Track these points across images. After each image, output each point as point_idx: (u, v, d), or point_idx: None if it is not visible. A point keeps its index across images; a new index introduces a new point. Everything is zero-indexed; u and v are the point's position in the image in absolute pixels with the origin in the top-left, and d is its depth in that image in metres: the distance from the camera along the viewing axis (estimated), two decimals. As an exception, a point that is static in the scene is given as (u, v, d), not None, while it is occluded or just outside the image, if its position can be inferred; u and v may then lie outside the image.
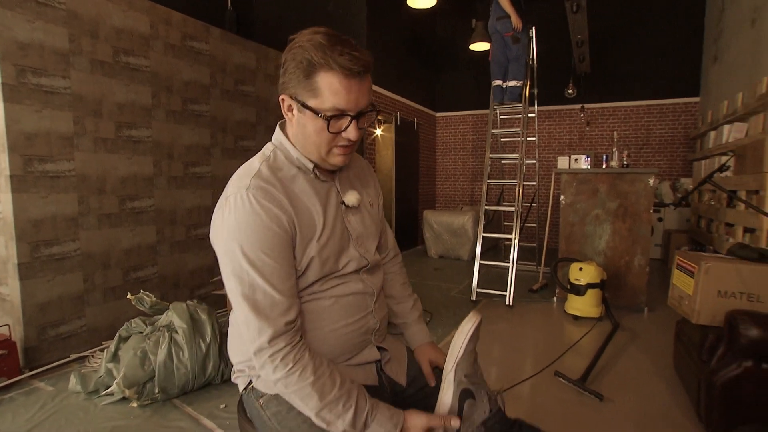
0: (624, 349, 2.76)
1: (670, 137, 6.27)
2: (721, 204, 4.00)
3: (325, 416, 0.76)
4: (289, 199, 0.82)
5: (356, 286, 0.90)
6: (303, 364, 0.77)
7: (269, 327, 0.76)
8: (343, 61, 0.75)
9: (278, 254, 0.78)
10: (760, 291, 1.76)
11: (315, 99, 0.78)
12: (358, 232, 0.92)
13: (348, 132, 0.81)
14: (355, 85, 0.78)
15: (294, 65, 0.79)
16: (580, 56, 5.01)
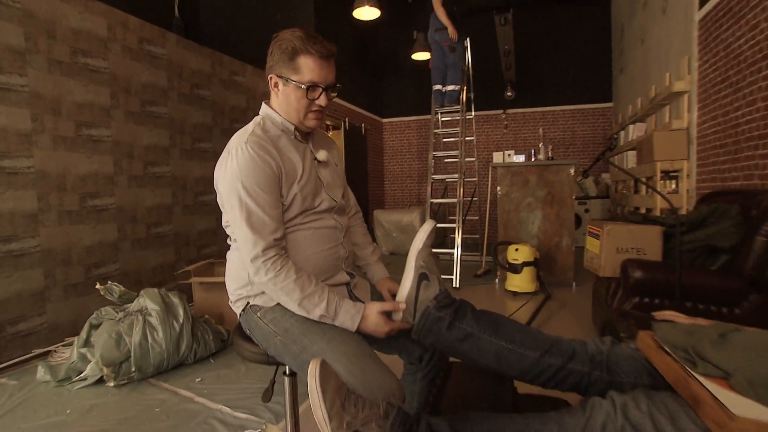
0: (554, 313, 3.20)
1: (591, 138, 7.07)
2: (629, 191, 4.65)
3: (305, 305, 1.01)
4: (277, 150, 1.09)
5: (329, 222, 1.17)
6: (287, 267, 1.03)
7: (262, 241, 1.02)
8: (317, 48, 1.06)
9: (269, 189, 1.04)
10: (644, 245, 2.22)
11: (297, 75, 1.07)
12: (328, 181, 1.19)
13: (320, 99, 1.10)
14: (325, 65, 1.08)
15: (280, 51, 1.08)
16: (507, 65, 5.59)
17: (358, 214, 1.42)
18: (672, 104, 3.84)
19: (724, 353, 0.75)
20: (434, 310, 0.98)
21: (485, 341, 0.95)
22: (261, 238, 1.02)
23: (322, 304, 1.02)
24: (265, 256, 1.02)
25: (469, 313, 1.00)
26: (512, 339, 0.96)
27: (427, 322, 0.98)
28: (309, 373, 0.86)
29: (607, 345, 0.96)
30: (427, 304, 0.99)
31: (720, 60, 2.83)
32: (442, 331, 0.97)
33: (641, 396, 0.74)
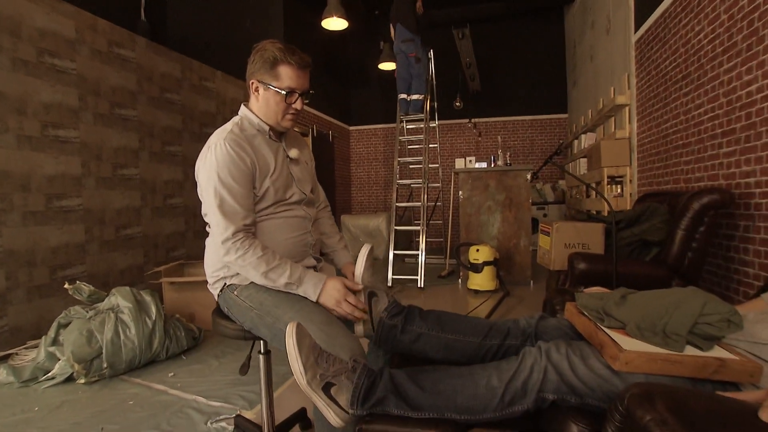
0: (512, 308, 3.42)
1: (549, 147, 7.50)
2: (582, 196, 5.01)
3: (271, 276, 1.15)
4: (252, 147, 1.23)
5: (299, 212, 1.33)
6: (254, 246, 1.17)
7: (232, 225, 1.16)
8: (296, 59, 1.21)
9: (242, 181, 1.19)
10: (588, 240, 2.47)
11: (277, 81, 1.22)
12: (298, 176, 1.34)
13: (296, 104, 1.25)
14: (302, 74, 1.24)
15: (262, 60, 1.22)
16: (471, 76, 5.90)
17: (327, 208, 1.58)
18: (616, 116, 4.21)
19: (623, 309, 0.95)
20: (387, 320, 1.13)
21: (434, 338, 1.10)
22: (231, 223, 1.16)
23: (287, 273, 1.16)
24: (235, 238, 1.16)
25: (417, 316, 1.15)
26: (456, 330, 1.11)
27: (383, 332, 1.13)
28: (287, 333, 0.99)
29: (535, 319, 1.15)
30: (381, 315, 1.13)
31: (652, 78, 3.17)
32: (396, 337, 1.11)
33: (562, 343, 0.92)
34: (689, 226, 2.10)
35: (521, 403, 0.86)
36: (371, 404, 0.90)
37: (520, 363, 0.89)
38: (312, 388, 0.95)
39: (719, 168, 2.27)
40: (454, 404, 0.87)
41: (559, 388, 0.85)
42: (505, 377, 0.87)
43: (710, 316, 0.80)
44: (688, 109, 2.59)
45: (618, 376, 0.82)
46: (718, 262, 2.38)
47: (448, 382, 0.90)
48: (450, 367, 0.96)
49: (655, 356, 0.78)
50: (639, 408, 0.61)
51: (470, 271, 3.95)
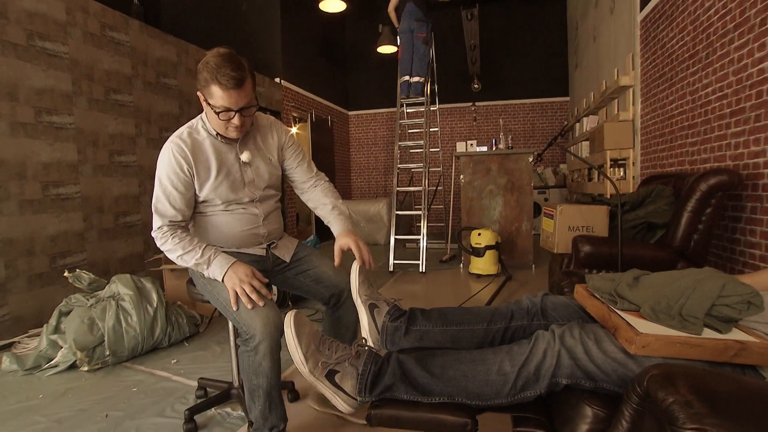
0: (514, 292, 3.42)
1: (550, 130, 7.43)
2: (583, 179, 4.97)
3: (185, 258, 1.28)
4: (196, 154, 1.31)
5: (252, 210, 1.43)
6: (173, 236, 1.29)
7: (160, 220, 1.30)
8: (224, 80, 1.19)
9: (178, 186, 1.29)
10: (593, 223, 2.45)
11: (212, 100, 1.24)
12: (250, 179, 1.42)
13: (233, 120, 1.27)
14: (234, 93, 1.21)
15: (201, 77, 1.24)
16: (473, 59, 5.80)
17: (317, 180, 1.59)
18: (619, 98, 4.15)
19: (636, 291, 0.92)
20: (390, 323, 1.11)
21: (439, 332, 1.08)
22: (159, 218, 1.30)
23: (197, 256, 1.27)
24: (161, 231, 1.30)
25: (419, 315, 1.13)
26: (460, 322, 1.09)
27: (388, 335, 1.11)
28: (285, 323, 0.98)
29: (539, 297, 1.13)
30: (383, 320, 1.11)
31: (657, 57, 3.11)
32: (401, 338, 1.10)
33: (575, 326, 0.89)
34: (696, 208, 2.07)
35: (534, 388, 0.84)
36: (379, 391, 0.89)
37: (532, 347, 0.87)
38: (315, 377, 0.93)
39: (727, 149, 2.23)
40: (465, 390, 0.86)
41: (573, 373, 0.83)
42: (518, 362, 0.85)
43: (729, 297, 0.78)
44: (695, 89, 2.53)
45: (633, 359, 0.80)
46: (723, 245, 2.36)
47: (458, 367, 0.88)
48: (460, 352, 0.94)
49: (674, 339, 0.76)
50: (660, 390, 0.59)
51: (472, 255, 3.93)
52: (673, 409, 0.54)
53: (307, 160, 1.58)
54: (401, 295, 3.40)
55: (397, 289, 3.60)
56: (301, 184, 1.58)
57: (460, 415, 0.82)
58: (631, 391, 0.68)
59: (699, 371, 0.64)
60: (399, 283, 3.84)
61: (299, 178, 1.57)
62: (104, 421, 1.67)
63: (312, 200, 1.57)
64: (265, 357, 1.21)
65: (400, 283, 3.85)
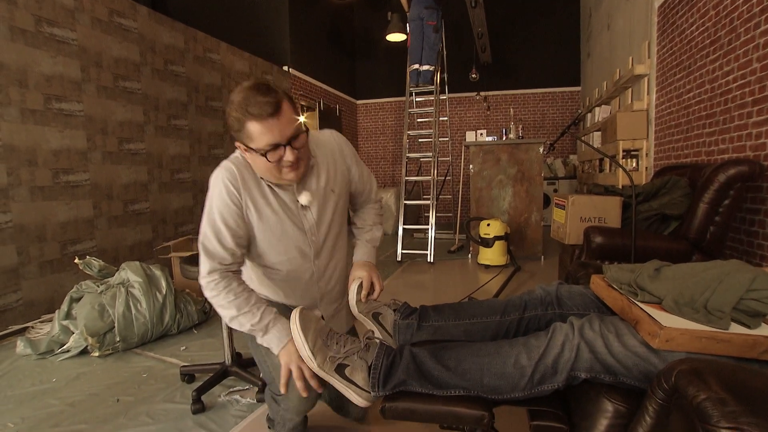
0: (523, 283, 3.39)
1: (560, 120, 7.32)
2: (594, 170, 4.90)
3: (239, 320, 1.07)
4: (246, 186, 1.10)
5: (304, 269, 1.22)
6: (228, 289, 1.08)
7: (209, 263, 1.09)
8: (257, 110, 0.97)
9: (230, 224, 1.09)
10: (605, 214, 2.40)
11: (252, 142, 1.01)
12: (311, 224, 1.19)
13: (286, 156, 1.02)
14: (273, 121, 0.99)
15: (231, 121, 1.03)
16: (482, 47, 5.69)
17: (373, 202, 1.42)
18: (634, 87, 4.06)
19: (658, 283, 0.89)
20: (401, 321, 1.08)
21: (452, 326, 1.06)
22: (209, 261, 1.09)
23: (254, 320, 1.07)
24: (210, 277, 1.09)
25: (430, 311, 1.11)
26: (473, 314, 1.07)
27: (400, 333, 1.08)
28: (291, 320, 0.96)
29: (553, 287, 1.10)
30: (394, 320, 1.09)
31: (675, 45, 3.02)
32: (413, 335, 1.07)
33: (595, 318, 0.87)
34: (713, 200, 2.02)
35: (551, 381, 0.82)
36: (392, 386, 0.87)
37: (550, 340, 0.85)
38: (325, 372, 0.92)
39: (747, 139, 2.17)
40: (481, 384, 0.84)
41: (593, 367, 0.81)
42: (535, 355, 0.83)
43: (759, 291, 0.75)
44: (715, 77, 2.46)
45: (656, 354, 0.77)
46: (740, 237, 2.31)
47: (473, 360, 0.86)
48: (475, 344, 0.92)
49: (700, 334, 0.73)
50: (690, 386, 0.56)
51: (481, 245, 3.91)
52: (705, 406, 0.52)
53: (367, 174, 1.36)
54: (409, 285, 3.39)
55: (405, 279, 3.59)
56: (360, 207, 1.41)
57: (477, 408, 0.81)
58: (656, 386, 0.66)
59: (730, 367, 0.62)
60: (407, 273, 3.83)
61: (360, 203, 1.40)
62: (116, 406, 1.68)
63: (357, 218, 1.42)
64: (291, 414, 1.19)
65: (407, 273, 3.83)
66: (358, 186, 1.33)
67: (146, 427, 1.53)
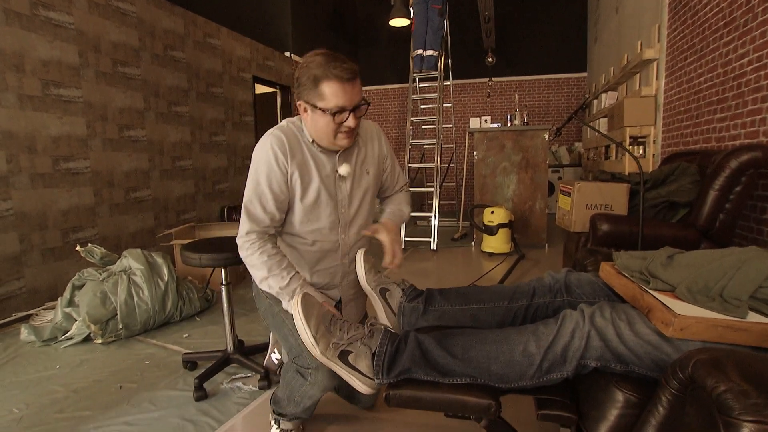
0: (527, 271, 3.37)
1: (565, 107, 7.22)
2: (600, 158, 4.83)
3: (268, 282, 1.13)
4: (292, 150, 1.15)
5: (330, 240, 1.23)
6: (262, 251, 1.13)
7: (248, 224, 1.14)
8: (338, 72, 1.06)
9: (274, 189, 1.14)
10: (612, 201, 2.37)
11: (322, 101, 1.08)
12: (343, 195, 1.23)
13: (348, 121, 1.11)
14: (349, 87, 1.08)
15: (305, 80, 1.10)
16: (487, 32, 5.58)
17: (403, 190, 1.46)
18: (642, 72, 3.97)
19: (670, 270, 0.86)
20: (407, 303, 1.06)
21: (459, 311, 1.03)
22: (249, 222, 1.14)
23: (282, 283, 1.12)
24: (248, 237, 1.15)
25: (437, 295, 1.08)
26: (480, 300, 1.04)
27: (405, 316, 1.06)
28: (292, 305, 0.93)
29: (562, 274, 1.08)
30: (399, 302, 1.06)
31: (687, 27, 2.94)
32: (419, 319, 1.04)
33: (606, 306, 0.84)
34: (724, 186, 1.98)
35: (560, 370, 0.80)
36: (397, 373, 0.85)
37: (559, 327, 0.83)
38: (328, 358, 0.90)
39: (761, 124, 2.11)
40: (488, 372, 0.82)
41: (603, 356, 0.78)
42: (544, 343, 0.81)
43: (779, 278, 0.72)
44: (728, 61, 2.39)
45: (669, 342, 0.75)
46: (750, 225, 2.27)
47: (480, 348, 0.84)
48: (482, 331, 0.89)
49: (716, 322, 0.70)
50: (709, 377, 0.54)
51: (484, 233, 3.88)
52: (726, 398, 0.49)
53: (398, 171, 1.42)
54: (412, 273, 3.37)
55: (408, 266, 3.57)
56: (388, 193, 1.43)
57: (484, 397, 0.78)
58: (670, 375, 0.63)
59: (750, 357, 0.59)
60: (410, 260, 3.81)
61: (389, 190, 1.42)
62: (118, 392, 1.68)
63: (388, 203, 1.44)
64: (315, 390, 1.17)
65: (411, 260, 3.82)
66: (389, 178, 1.39)
67: (149, 414, 1.53)
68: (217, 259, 1.60)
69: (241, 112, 4.57)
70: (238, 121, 4.52)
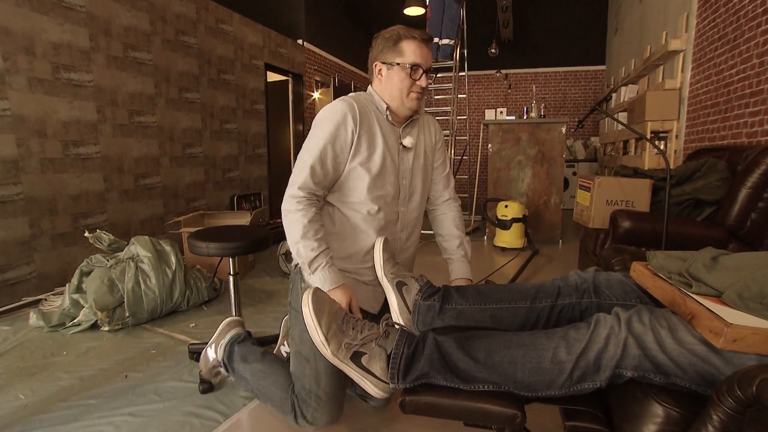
0: (541, 267, 3.29)
1: (582, 100, 7.05)
2: (618, 153, 4.70)
3: (297, 248, 1.11)
4: (362, 123, 1.18)
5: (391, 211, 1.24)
6: (304, 211, 1.11)
7: (302, 179, 1.13)
8: (418, 33, 1.19)
9: (336, 148, 1.15)
10: (633, 197, 2.27)
11: (401, 57, 1.18)
12: (405, 167, 1.26)
13: (421, 80, 1.19)
14: (425, 49, 1.19)
15: (384, 41, 1.20)
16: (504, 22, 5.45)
17: (454, 203, 1.43)
18: (666, 64, 3.83)
19: (716, 273, 0.79)
20: (422, 302, 1.00)
21: (477, 310, 0.97)
22: (303, 177, 1.13)
23: (309, 251, 1.10)
24: (298, 192, 1.12)
25: (453, 292, 1.02)
26: (500, 299, 0.97)
27: (420, 315, 1.00)
28: (303, 302, 0.88)
29: (590, 273, 1.00)
30: (415, 299, 1.00)
31: (719, 16, 2.80)
32: (435, 318, 0.99)
33: (644, 311, 0.77)
34: (757, 184, 1.88)
35: (593, 379, 0.73)
36: (414, 377, 0.79)
37: (592, 333, 0.76)
38: (339, 360, 0.84)
39: (797, 118, 1.99)
40: (513, 379, 0.75)
41: (641, 365, 0.71)
42: (575, 350, 0.74)
43: None
44: (765, 51, 2.26)
45: (718, 354, 0.67)
46: (780, 225, 2.15)
47: (505, 353, 0.77)
48: (506, 334, 0.83)
49: (777, 333, 0.63)
50: (779, 400, 0.47)
51: (498, 227, 3.79)
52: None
53: (449, 170, 1.44)
54: (423, 267, 3.31)
55: (419, 260, 3.49)
56: (436, 198, 1.42)
57: (508, 406, 0.72)
58: (725, 392, 0.56)
59: (823, 376, 0.52)
60: (421, 253, 3.72)
61: (436, 190, 1.41)
62: (124, 382, 1.65)
63: (440, 224, 1.43)
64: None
65: (422, 253, 3.74)
66: (439, 170, 1.40)
67: (153, 405, 1.49)
68: (225, 249, 1.55)
69: (252, 100, 4.51)
70: (249, 108, 4.46)
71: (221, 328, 1.49)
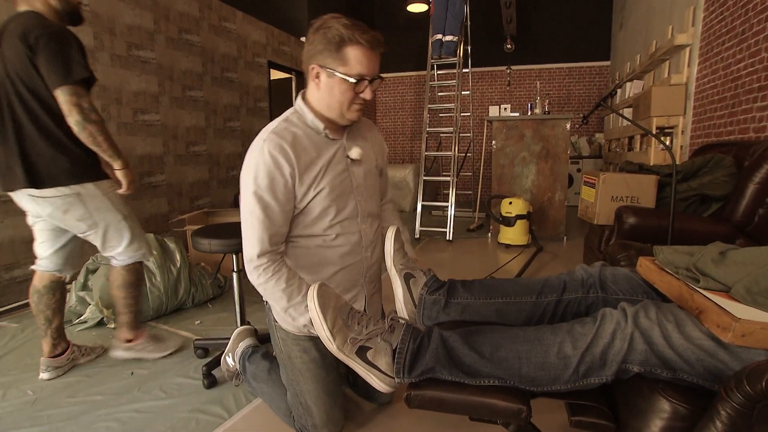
0: (545, 264, 3.27)
1: (586, 97, 7.00)
2: (622, 149, 4.67)
3: (291, 313, 1.06)
4: (296, 150, 1.05)
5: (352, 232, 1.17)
6: (279, 275, 1.05)
7: (258, 246, 1.04)
8: (367, 38, 1.01)
9: (280, 197, 1.04)
10: (639, 194, 2.25)
11: (344, 67, 1.02)
12: (359, 182, 1.17)
13: (365, 93, 1.06)
14: (374, 57, 1.04)
15: (325, 41, 1.01)
16: (508, 18, 5.41)
17: (388, 204, 1.43)
18: (672, 59, 3.79)
19: (724, 268, 0.78)
20: (428, 296, 1.00)
21: (483, 305, 0.97)
22: (257, 243, 1.04)
23: (301, 309, 1.05)
24: (259, 261, 1.04)
25: (459, 287, 1.01)
26: (506, 293, 0.97)
27: (425, 309, 1.00)
28: (308, 296, 0.88)
29: (596, 268, 0.99)
30: (420, 293, 1.00)
31: (727, 9, 2.77)
32: (440, 312, 0.98)
33: (651, 305, 0.76)
34: (765, 179, 1.86)
35: (599, 375, 0.73)
36: (419, 372, 0.79)
37: (598, 327, 0.75)
38: (345, 354, 0.84)
39: (805, 112, 1.97)
40: (518, 374, 0.75)
41: (648, 360, 0.71)
42: (581, 344, 0.74)
43: None
44: (772, 44, 2.24)
45: (726, 349, 0.67)
46: (788, 220, 2.13)
47: (511, 347, 0.77)
48: (512, 329, 0.82)
49: (786, 328, 0.62)
50: (789, 395, 0.46)
51: (502, 224, 3.78)
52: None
53: (388, 185, 1.41)
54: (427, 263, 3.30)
55: (424, 257, 3.50)
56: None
57: (514, 401, 0.72)
58: (733, 388, 0.56)
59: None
60: (425, 251, 3.74)
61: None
62: (130, 379, 1.67)
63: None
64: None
65: (426, 251, 3.75)
66: (384, 178, 1.35)
67: (159, 402, 1.50)
68: (228, 245, 1.56)
69: (256, 98, 4.52)
70: (252, 106, 4.47)
71: (234, 338, 1.54)
